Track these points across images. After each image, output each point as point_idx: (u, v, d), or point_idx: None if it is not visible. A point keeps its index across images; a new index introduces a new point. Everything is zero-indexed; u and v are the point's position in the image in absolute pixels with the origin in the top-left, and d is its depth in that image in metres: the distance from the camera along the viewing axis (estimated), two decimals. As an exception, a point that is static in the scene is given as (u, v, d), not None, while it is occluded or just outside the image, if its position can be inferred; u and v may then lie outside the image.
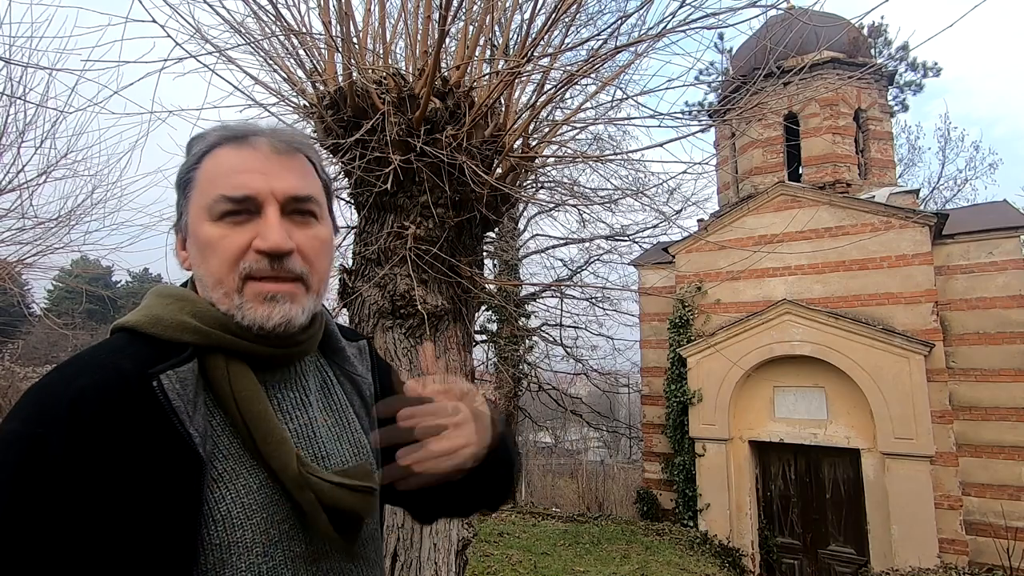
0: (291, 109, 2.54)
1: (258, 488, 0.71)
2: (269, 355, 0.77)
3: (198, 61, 2.23)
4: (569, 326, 13.33)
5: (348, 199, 2.70)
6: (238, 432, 0.72)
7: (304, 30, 2.33)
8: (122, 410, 0.64)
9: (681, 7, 2.16)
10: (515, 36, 3.12)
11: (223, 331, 0.73)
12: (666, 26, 2.23)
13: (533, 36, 2.25)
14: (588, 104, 2.94)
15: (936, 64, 16.02)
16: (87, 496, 0.60)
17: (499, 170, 2.44)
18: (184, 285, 0.83)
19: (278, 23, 2.22)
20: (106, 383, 0.65)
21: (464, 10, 2.42)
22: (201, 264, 0.75)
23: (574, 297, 13.13)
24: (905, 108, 16.92)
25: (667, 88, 2.44)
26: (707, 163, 3.51)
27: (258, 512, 0.70)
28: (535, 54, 2.31)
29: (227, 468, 0.70)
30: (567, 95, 3.55)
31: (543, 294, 13.15)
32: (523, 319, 13.09)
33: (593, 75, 2.68)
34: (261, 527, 0.70)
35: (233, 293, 0.73)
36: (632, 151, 6.90)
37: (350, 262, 2.49)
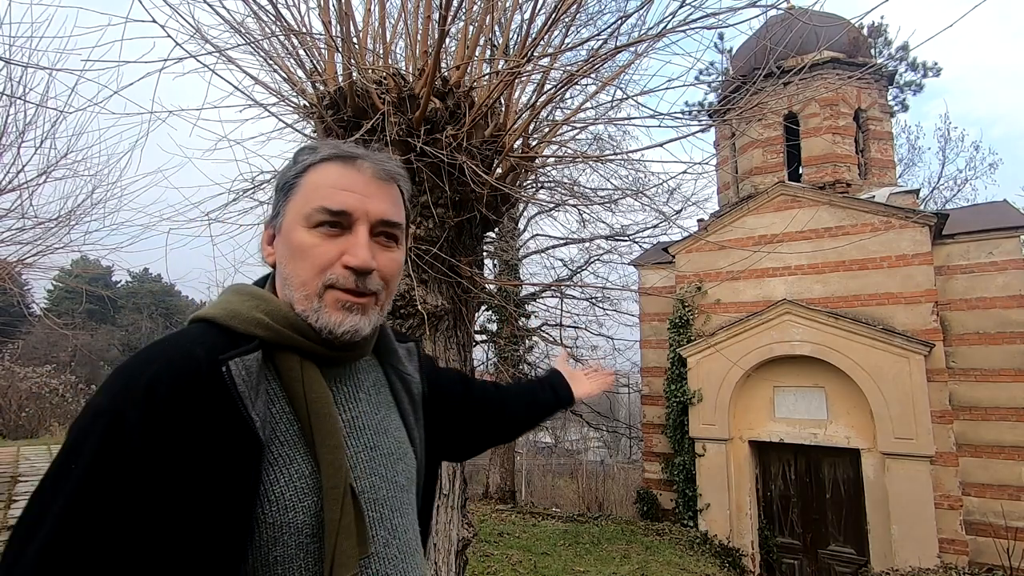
0: (291, 109, 2.55)
1: (310, 474, 0.76)
2: (328, 356, 0.83)
3: (198, 61, 2.23)
4: (569, 326, 13.32)
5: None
6: (298, 422, 0.78)
7: (304, 30, 2.33)
8: (192, 393, 0.70)
9: (681, 7, 2.16)
10: (515, 36, 3.12)
11: (292, 330, 0.80)
12: (666, 26, 2.23)
13: (533, 36, 2.25)
14: (588, 104, 2.94)
15: (936, 64, 16.03)
16: (157, 470, 0.66)
17: (499, 170, 2.44)
18: (261, 282, 0.91)
19: (278, 23, 2.22)
20: (179, 368, 0.71)
21: (464, 10, 2.42)
22: (289, 264, 0.83)
23: (574, 297, 13.13)
24: (905, 108, 16.93)
25: (667, 88, 2.44)
26: (707, 163, 3.51)
27: (309, 496, 0.75)
28: (535, 54, 2.31)
29: (283, 453, 0.76)
30: (567, 95, 3.55)
31: (543, 294, 13.15)
32: (523, 319, 13.09)
33: (593, 75, 2.68)
34: (311, 510, 0.75)
35: (314, 297, 0.80)
36: (632, 151, 6.90)
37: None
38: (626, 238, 12.16)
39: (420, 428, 1.00)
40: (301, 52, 2.42)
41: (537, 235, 13.54)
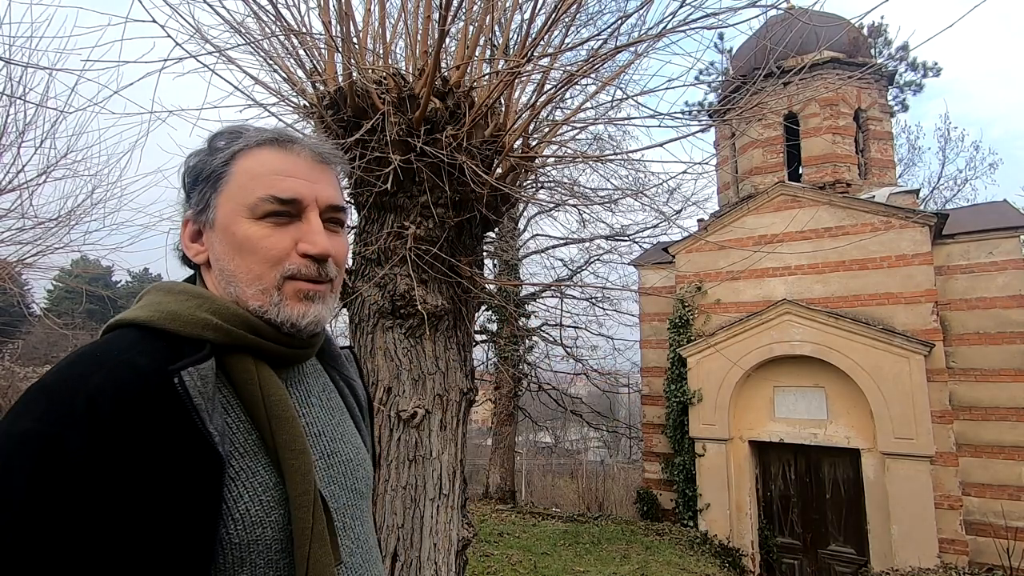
0: (291, 109, 2.54)
1: (274, 485, 0.71)
2: (285, 355, 0.78)
3: (198, 61, 2.23)
4: (569, 326, 13.33)
5: (348, 199, 2.70)
6: (256, 430, 0.73)
7: (304, 30, 2.33)
8: (140, 408, 0.63)
9: (681, 7, 2.16)
10: (515, 36, 3.12)
11: (246, 330, 0.74)
12: (666, 26, 2.23)
13: (533, 36, 2.25)
14: (588, 104, 2.94)
15: (936, 64, 16.03)
16: (106, 497, 0.59)
17: (499, 170, 2.44)
18: (189, 281, 0.83)
19: (278, 23, 2.22)
20: (123, 380, 0.63)
21: (464, 10, 2.42)
22: (234, 259, 0.75)
23: (574, 297, 13.14)
24: (905, 108, 16.92)
25: (667, 88, 2.43)
26: (707, 163, 3.51)
27: (276, 509, 0.70)
28: (535, 54, 2.31)
29: (244, 466, 0.70)
30: (567, 95, 3.54)
31: (543, 294, 13.15)
32: (523, 319, 13.09)
33: (593, 75, 2.68)
34: (279, 523, 0.70)
35: (272, 290, 0.75)
36: (632, 151, 6.90)
37: (350, 262, 2.50)
38: (626, 238, 12.18)
39: (368, 435, 0.97)
40: (301, 52, 2.42)
41: (537, 235, 13.57)
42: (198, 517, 0.63)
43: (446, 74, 2.32)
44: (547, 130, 2.87)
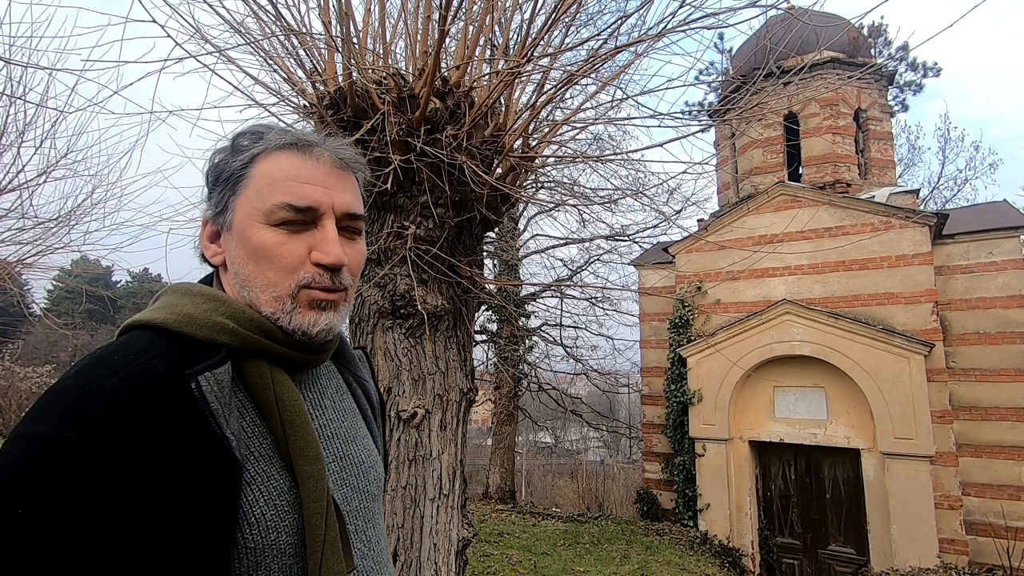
0: (291, 109, 2.54)
1: (288, 490, 0.71)
2: (299, 360, 0.78)
3: (198, 61, 2.23)
4: (569, 326, 13.34)
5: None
6: (270, 434, 0.73)
7: (304, 30, 2.33)
8: (157, 412, 0.63)
9: (681, 7, 2.16)
10: (515, 36, 3.12)
11: (260, 334, 0.74)
12: (666, 26, 2.23)
13: (533, 36, 2.25)
14: (588, 104, 2.94)
15: (936, 64, 16.02)
16: (124, 501, 0.59)
17: (499, 170, 2.44)
18: (205, 281, 0.83)
19: (278, 23, 2.22)
20: (139, 384, 0.64)
21: (464, 10, 2.42)
22: (248, 265, 0.75)
23: (574, 297, 13.14)
24: (905, 108, 16.91)
25: (667, 88, 2.43)
26: (707, 163, 3.51)
27: (290, 514, 0.70)
28: (535, 54, 2.31)
29: (259, 470, 0.70)
30: (567, 95, 3.55)
31: (543, 294, 13.15)
32: (523, 319, 13.09)
33: (593, 75, 2.68)
34: (293, 528, 0.70)
35: (286, 298, 0.74)
36: (632, 151, 6.88)
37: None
38: (626, 238, 12.17)
39: (380, 436, 0.97)
40: (301, 52, 2.42)
41: (537, 235, 13.57)
42: (216, 521, 0.63)
43: (446, 74, 2.32)
44: (547, 130, 2.87)
